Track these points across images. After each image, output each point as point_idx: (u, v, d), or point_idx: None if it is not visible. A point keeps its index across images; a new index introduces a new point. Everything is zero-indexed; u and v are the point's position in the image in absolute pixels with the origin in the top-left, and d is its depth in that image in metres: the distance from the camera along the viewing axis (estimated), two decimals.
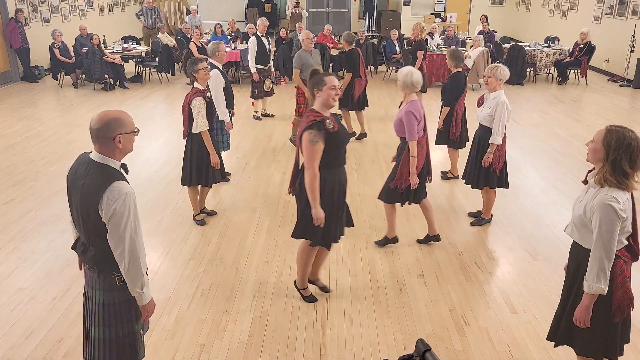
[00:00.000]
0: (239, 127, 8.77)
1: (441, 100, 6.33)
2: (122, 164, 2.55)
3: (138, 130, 2.56)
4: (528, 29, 17.19)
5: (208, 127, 5.03)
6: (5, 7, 11.62)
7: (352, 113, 8.11)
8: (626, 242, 2.73)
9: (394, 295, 4.23)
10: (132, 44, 13.12)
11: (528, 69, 12.33)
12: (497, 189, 5.25)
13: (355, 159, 7.36)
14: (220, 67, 6.01)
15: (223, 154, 6.07)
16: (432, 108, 9.35)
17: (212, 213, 5.65)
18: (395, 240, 4.98)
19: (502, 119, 4.88)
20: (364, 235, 5.18)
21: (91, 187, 2.42)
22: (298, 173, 3.82)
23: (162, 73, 12.24)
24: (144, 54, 12.70)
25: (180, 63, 12.32)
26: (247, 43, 9.00)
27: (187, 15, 16.66)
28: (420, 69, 8.54)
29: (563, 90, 11.60)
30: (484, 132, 5.02)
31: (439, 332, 3.80)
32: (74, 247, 2.71)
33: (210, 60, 5.97)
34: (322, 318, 3.96)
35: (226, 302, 4.15)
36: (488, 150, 4.99)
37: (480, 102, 5.18)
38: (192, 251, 4.92)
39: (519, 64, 11.97)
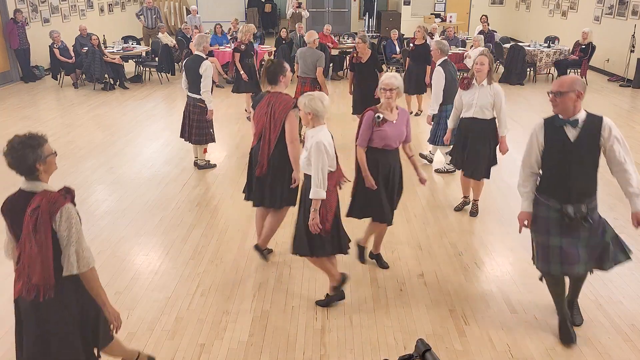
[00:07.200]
0: (239, 126, 8.78)
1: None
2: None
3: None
4: (528, 29, 17.18)
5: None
6: (5, 7, 11.62)
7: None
8: None
9: (394, 295, 4.23)
10: (132, 44, 13.12)
11: (528, 69, 12.32)
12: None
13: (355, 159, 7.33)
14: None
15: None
16: None
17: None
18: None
19: (318, 164, 3.63)
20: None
21: None
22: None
23: (162, 73, 12.24)
24: (144, 54, 12.70)
25: (180, 63, 12.31)
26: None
27: (187, 15, 16.66)
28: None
29: None
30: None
31: (439, 332, 3.80)
32: None
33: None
34: (322, 318, 3.96)
35: (226, 302, 4.15)
36: (312, 208, 3.69)
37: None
38: (192, 251, 4.92)
39: (519, 64, 11.97)
